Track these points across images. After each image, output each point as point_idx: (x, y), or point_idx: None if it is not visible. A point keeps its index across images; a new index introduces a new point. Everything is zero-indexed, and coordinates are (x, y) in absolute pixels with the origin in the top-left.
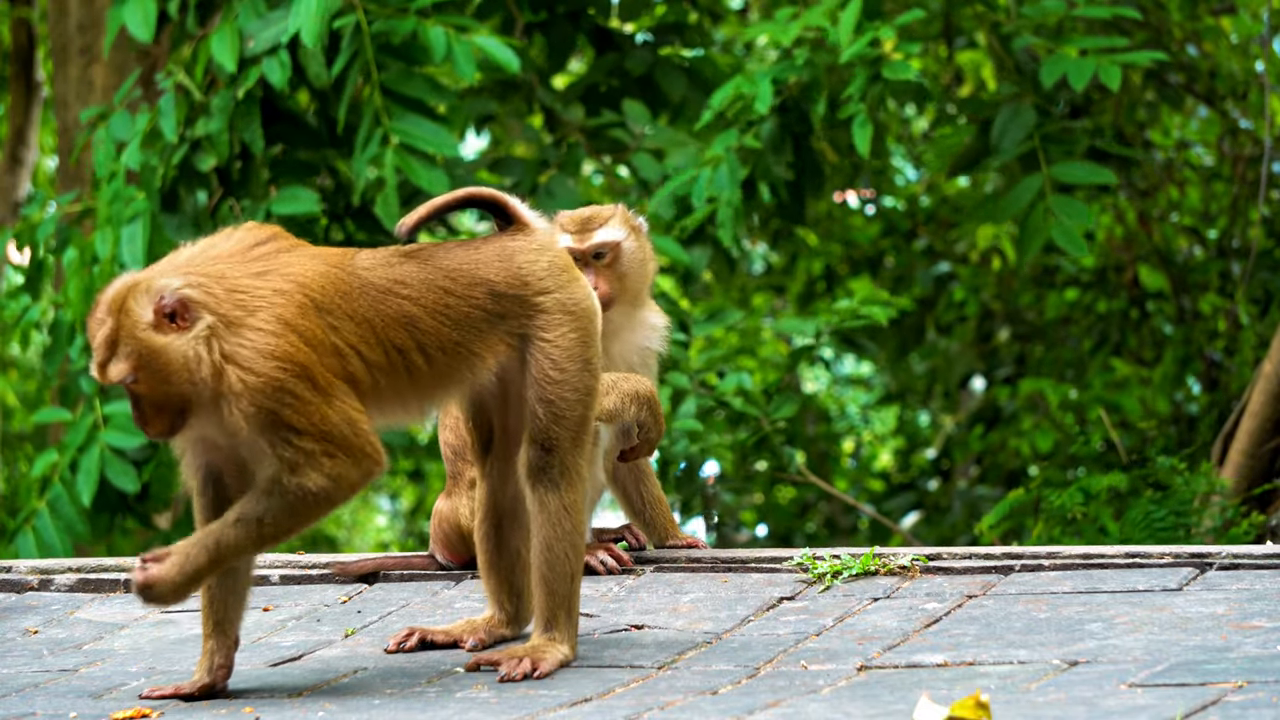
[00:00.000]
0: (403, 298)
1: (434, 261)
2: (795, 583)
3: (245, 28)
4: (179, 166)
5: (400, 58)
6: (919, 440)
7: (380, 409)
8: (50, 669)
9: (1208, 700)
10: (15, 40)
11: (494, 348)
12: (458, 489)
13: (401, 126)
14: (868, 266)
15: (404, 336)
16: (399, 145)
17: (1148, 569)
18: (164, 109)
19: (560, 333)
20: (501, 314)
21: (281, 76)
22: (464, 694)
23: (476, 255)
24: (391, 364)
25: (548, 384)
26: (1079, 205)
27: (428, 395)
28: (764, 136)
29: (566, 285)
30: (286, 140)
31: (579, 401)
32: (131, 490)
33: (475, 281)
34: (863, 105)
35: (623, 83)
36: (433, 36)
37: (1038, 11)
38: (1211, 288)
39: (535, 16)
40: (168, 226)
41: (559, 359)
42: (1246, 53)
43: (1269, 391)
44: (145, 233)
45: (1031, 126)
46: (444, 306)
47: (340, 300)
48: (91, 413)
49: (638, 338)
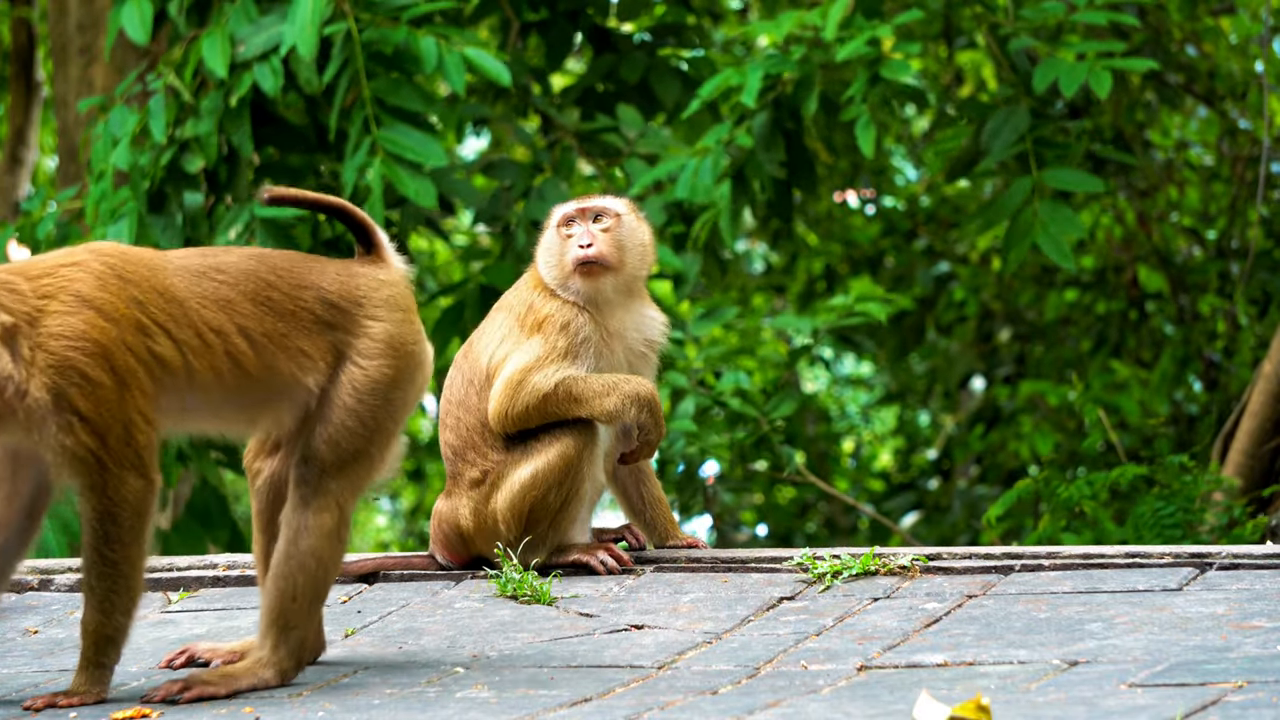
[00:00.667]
0: (218, 281)
1: (267, 260)
2: (795, 583)
3: (236, 32)
4: (167, 167)
5: (391, 67)
6: (919, 440)
7: (204, 401)
8: (50, 669)
9: (1208, 700)
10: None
11: (323, 353)
12: (458, 489)
13: (389, 135)
14: (868, 266)
15: (223, 318)
16: (386, 154)
17: (1148, 569)
18: (153, 110)
19: (375, 364)
20: (330, 323)
21: (274, 84)
22: (464, 694)
23: (316, 265)
24: (208, 345)
25: (339, 406)
26: (1069, 214)
27: (260, 390)
28: (756, 133)
29: (400, 323)
30: (275, 144)
31: (363, 437)
32: None
33: (304, 284)
34: (865, 106)
35: (618, 86)
36: (424, 47)
37: (1036, 14)
38: (1211, 288)
39: (534, 15)
40: (154, 227)
41: (361, 387)
42: (1246, 53)
43: (1269, 392)
44: (131, 232)
45: (1024, 129)
46: (265, 298)
47: (147, 273)
48: None
49: (643, 331)
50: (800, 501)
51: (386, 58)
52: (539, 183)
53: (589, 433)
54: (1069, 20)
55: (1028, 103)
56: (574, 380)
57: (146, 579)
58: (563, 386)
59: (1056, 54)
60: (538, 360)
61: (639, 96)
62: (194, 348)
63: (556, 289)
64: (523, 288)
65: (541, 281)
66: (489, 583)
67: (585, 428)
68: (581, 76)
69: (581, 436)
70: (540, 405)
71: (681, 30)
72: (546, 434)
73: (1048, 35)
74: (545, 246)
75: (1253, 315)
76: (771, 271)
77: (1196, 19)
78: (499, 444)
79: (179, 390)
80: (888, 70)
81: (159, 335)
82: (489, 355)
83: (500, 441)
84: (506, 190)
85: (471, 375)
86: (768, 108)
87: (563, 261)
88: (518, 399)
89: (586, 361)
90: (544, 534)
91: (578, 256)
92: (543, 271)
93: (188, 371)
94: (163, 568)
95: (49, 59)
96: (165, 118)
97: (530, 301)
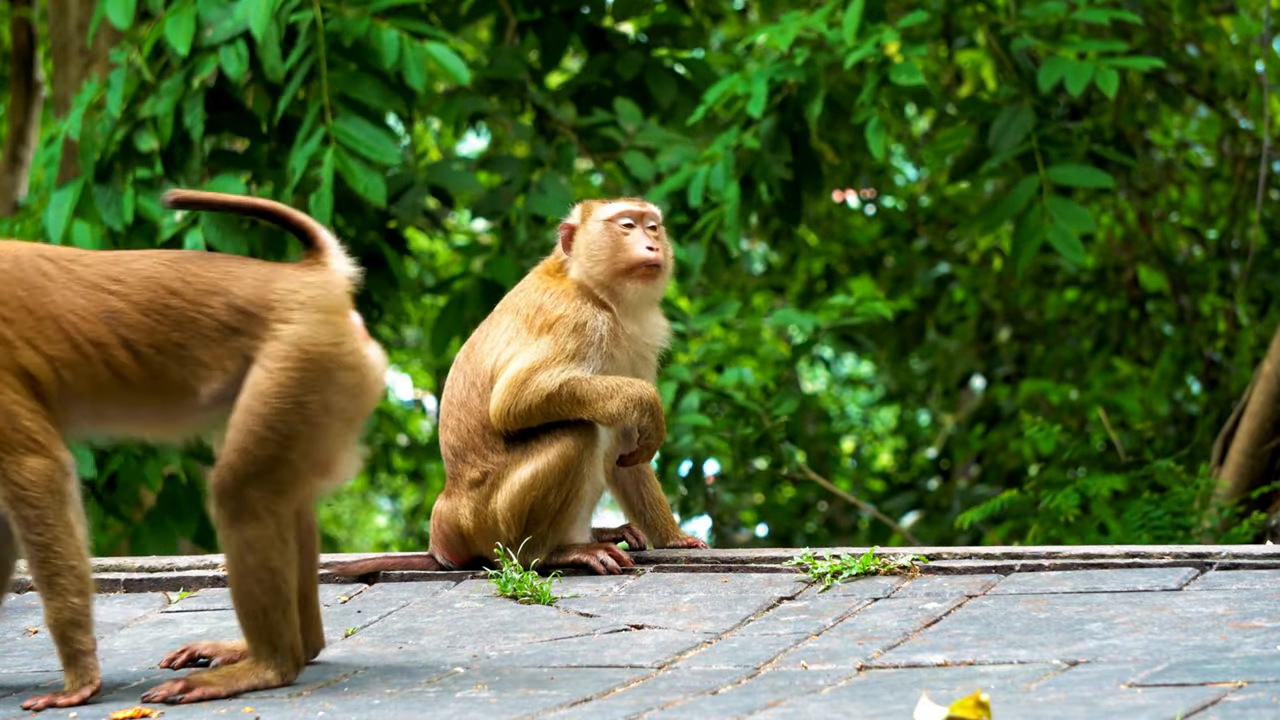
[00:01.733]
0: (109, 293)
1: (180, 265)
2: (795, 583)
3: (205, 15)
4: (121, 143)
5: (352, 58)
6: (919, 440)
7: (98, 410)
8: (50, 669)
9: (1208, 700)
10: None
11: (222, 361)
12: (458, 489)
13: (344, 128)
14: (868, 266)
15: (103, 331)
16: (339, 146)
17: (1148, 569)
18: (112, 82)
19: (281, 367)
20: (236, 329)
21: (238, 68)
22: (464, 694)
23: (235, 269)
24: (84, 358)
25: (246, 412)
26: (1077, 209)
27: (150, 399)
28: (762, 136)
29: (316, 324)
30: (231, 129)
31: (275, 443)
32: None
33: (214, 290)
34: (875, 109)
35: (614, 84)
36: (385, 40)
37: (1038, 13)
38: (1211, 288)
39: (530, 15)
40: (99, 199)
41: (267, 392)
42: (1246, 53)
43: (1268, 391)
44: (73, 200)
45: (1030, 128)
46: (162, 306)
47: (21, 292)
48: None
49: (653, 336)
50: (800, 501)
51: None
52: (538, 178)
53: (589, 434)
54: (1070, 19)
55: (1031, 102)
56: (578, 381)
57: (146, 579)
58: (567, 387)
59: (1058, 53)
60: (544, 360)
61: (634, 95)
62: (67, 361)
63: (595, 285)
64: (531, 289)
65: (554, 279)
66: (489, 583)
67: (586, 429)
68: (577, 74)
69: (582, 437)
70: (543, 405)
71: (677, 31)
72: (547, 434)
73: (1049, 34)
74: (594, 242)
75: (1253, 315)
76: (771, 271)
77: (1197, 19)
78: (499, 445)
79: (64, 399)
80: (895, 75)
81: (23, 349)
82: (494, 357)
83: (500, 442)
84: (506, 185)
85: (474, 377)
86: (774, 111)
87: (620, 258)
88: (521, 397)
89: (594, 363)
90: (544, 534)
91: (647, 258)
92: (585, 265)
93: (60, 383)
94: (163, 568)
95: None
96: (123, 91)
97: (540, 303)
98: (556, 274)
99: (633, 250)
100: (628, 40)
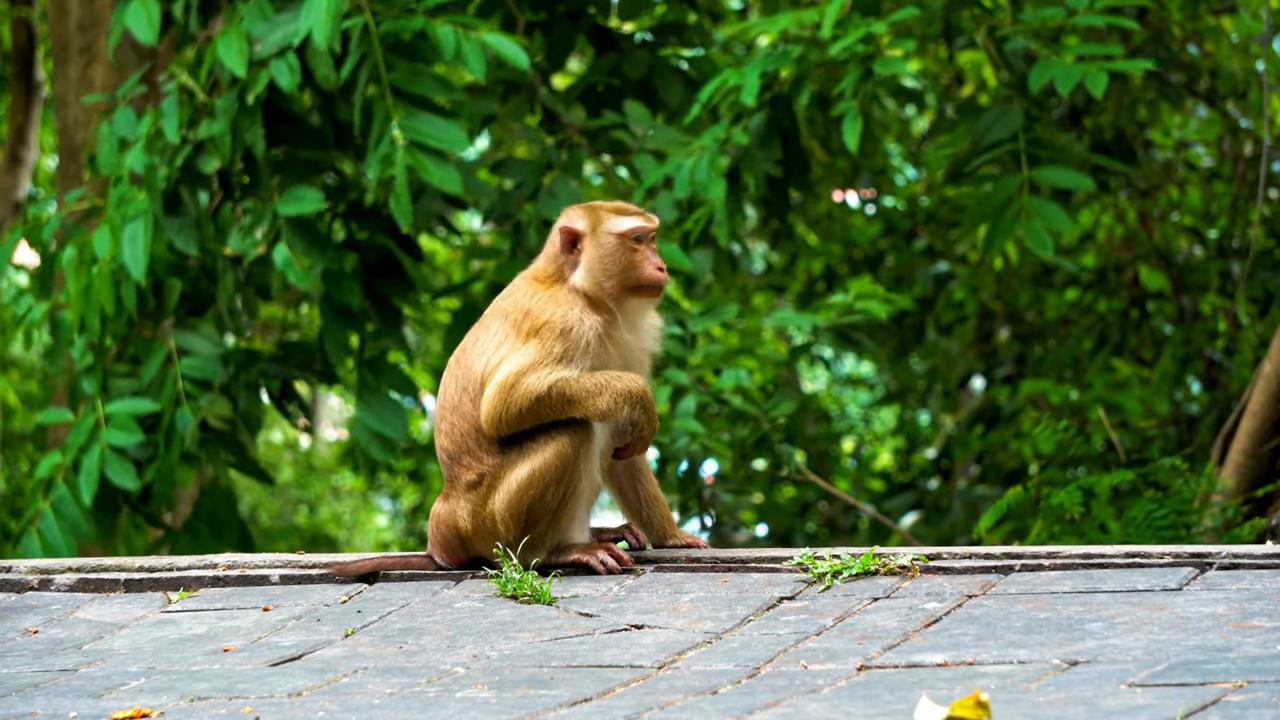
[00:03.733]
0: None
1: None
2: (795, 583)
3: (251, 31)
4: (181, 168)
5: (409, 57)
6: (919, 440)
7: None
8: (50, 669)
9: (1208, 700)
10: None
11: None
12: (455, 492)
13: (411, 124)
14: (868, 266)
15: None
16: (410, 143)
17: (1148, 569)
18: (167, 110)
19: None
20: None
21: (290, 80)
22: (464, 694)
23: None
24: None
25: None
26: (1057, 210)
27: None
28: (752, 131)
29: None
30: (289, 141)
31: None
32: (132, 488)
33: None
34: (854, 102)
35: (621, 84)
36: (442, 35)
37: (1035, 17)
38: (1211, 287)
39: (535, 15)
40: (169, 228)
41: None
42: (1247, 52)
43: (1269, 391)
44: (146, 234)
45: (1018, 128)
46: None
47: None
48: (93, 413)
49: (645, 340)
50: (800, 501)
51: (403, 49)
52: (549, 181)
53: (585, 431)
54: (1068, 23)
55: (1021, 103)
56: (567, 382)
57: (146, 579)
58: (555, 389)
59: (1056, 56)
60: (532, 364)
61: (641, 95)
62: None
63: (602, 295)
64: (519, 293)
65: (543, 284)
66: (489, 583)
67: (581, 426)
68: (584, 75)
69: (577, 435)
70: (533, 407)
71: (683, 30)
72: (543, 434)
73: (1048, 37)
74: (607, 256)
75: (1254, 314)
76: (771, 271)
77: (1197, 18)
78: (493, 447)
79: None
80: (881, 66)
81: None
82: (484, 361)
83: (495, 444)
84: (517, 189)
85: (465, 381)
86: (765, 106)
87: (632, 276)
88: (511, 402)
89: (582, 364)
90: (543, 533)
91: (659, 279)
92: (596, 277)
93: None
94: (163, 568)
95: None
96: (179, 118)
97: (527, 308)
98: (546, 279)
99: (645, 269)
100: (634, 40)
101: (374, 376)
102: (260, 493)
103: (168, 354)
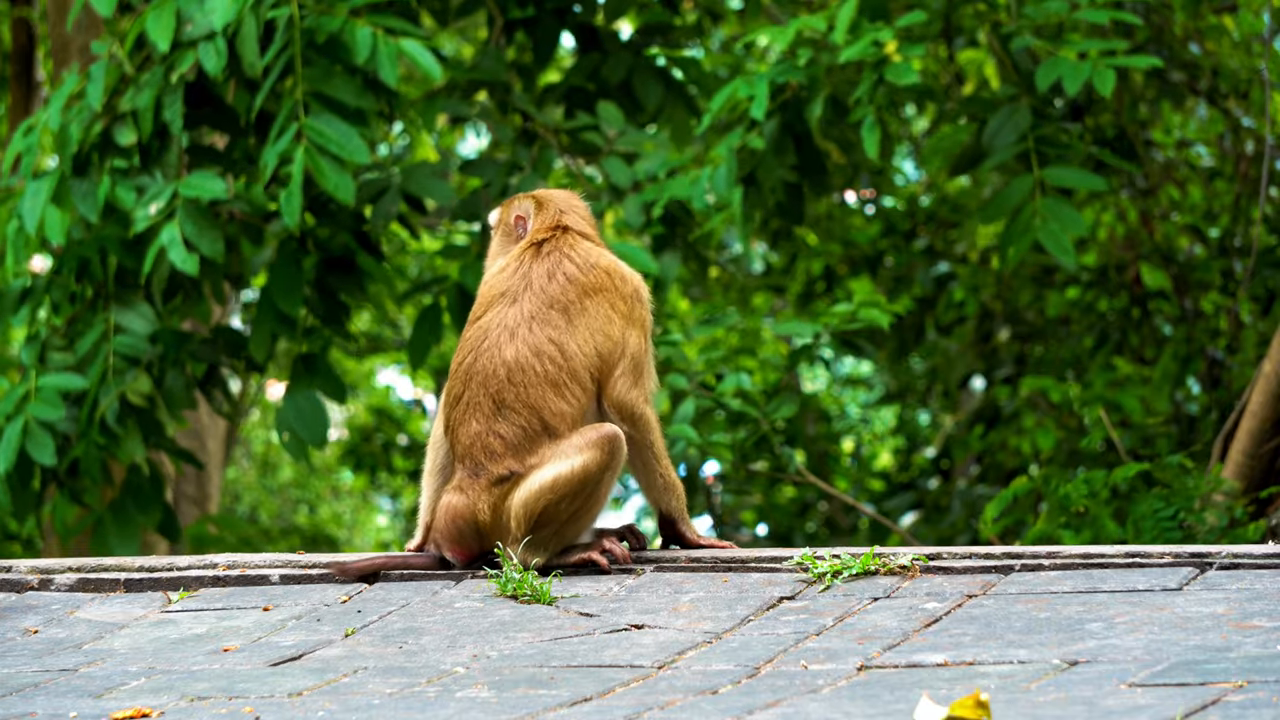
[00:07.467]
0: None
1: None
2: (795, 582)
3: (185, 11)
4: (100, 135)
5: (327, 55)
6: (919, 440)
7: None
8: (50, 669)
9: (1208, 700)
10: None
11: None
12: (475, 485)
13: (315, 125)
14: (868, 266)
15: None
16: (310, 144)
17: (1148, 569)
18: (93, 75)
19: None
20: None
21: (216, 64)
22: (464, 694)
23: None
24: None
25: None
26: (1071, 211)
27: None
28: (766, 137)
29: None
30: (210, 124)
31: None
32: (49, 463)
33: None
34: (871, 108)
35: (600, 87)
36: (359, 36)
37: (1039, 12)
38: (1213, 286)
39: (521, 13)
40: (75, 190)
41: None
42: (1248, 51)
43: (1269, 391)
44: (49, 192)
45: (1026, 128)
46: None
47: None
48: (25, 384)
49: None
50: (800, 501)
51: (320, 46)
52: (517, 181)
53: (616, 452)
54: (1071, 19)
55: (1029, 101)
56: None
57: (146, 579)
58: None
59: (1059, 52)
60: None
61: (621, 97)
62: None
63: None
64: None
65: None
66: (489, 582)
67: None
68: (565, 75)
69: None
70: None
71: (669, 30)
72: (580, 439)
73: (1050, 34)
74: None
75: (1255, 313)
76: (771, 272)
77: (1199, 17)
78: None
79: None
80: (891, 74)
81: None
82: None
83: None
84: (485, 189)
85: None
86: (777, 112)
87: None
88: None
89: None
90: (547, 539)
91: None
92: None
93: None
94: (163, 567)
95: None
96: (104, 84)
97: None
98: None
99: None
100: (619, 39)
101: (307, 375)
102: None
103: (104, 330)
